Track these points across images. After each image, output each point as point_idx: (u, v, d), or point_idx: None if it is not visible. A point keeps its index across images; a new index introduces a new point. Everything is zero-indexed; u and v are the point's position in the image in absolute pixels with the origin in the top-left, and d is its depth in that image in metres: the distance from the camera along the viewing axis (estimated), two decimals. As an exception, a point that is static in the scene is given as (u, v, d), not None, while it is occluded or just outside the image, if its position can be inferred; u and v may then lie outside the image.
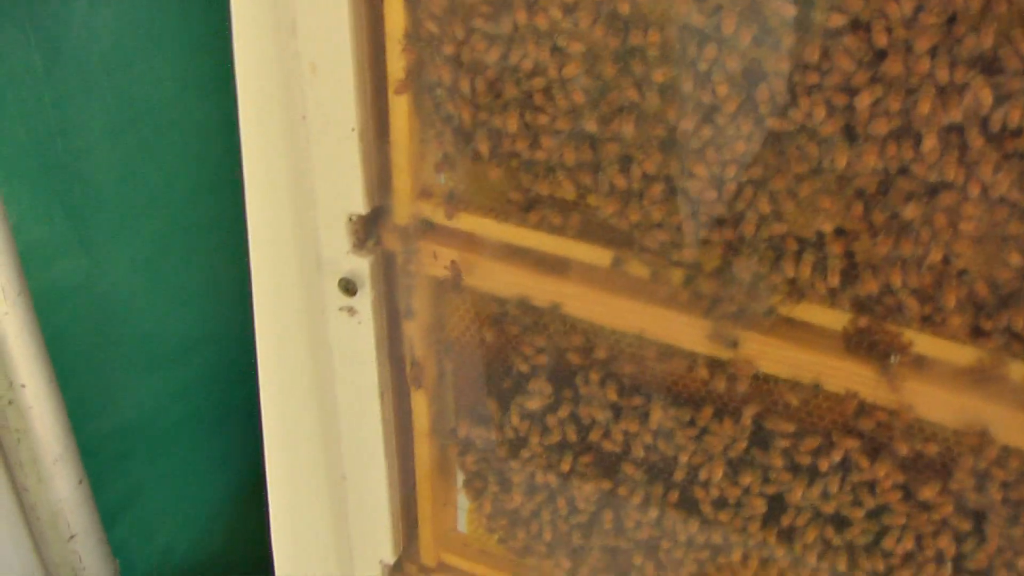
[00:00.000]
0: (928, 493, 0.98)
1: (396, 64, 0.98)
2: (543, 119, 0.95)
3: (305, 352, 1.17)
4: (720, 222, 0.94)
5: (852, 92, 0.84)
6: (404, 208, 1.05)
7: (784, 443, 1.01)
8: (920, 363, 0.94)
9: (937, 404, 0.94)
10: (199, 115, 1.63)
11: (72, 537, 1.50)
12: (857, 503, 1.02)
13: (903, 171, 0.86)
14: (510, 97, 0.96)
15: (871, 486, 1.01)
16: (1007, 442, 0.93)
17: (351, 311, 1.11)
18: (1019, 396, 0.91)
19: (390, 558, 1.29)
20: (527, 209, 1.01)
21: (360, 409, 1.18)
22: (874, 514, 1.02)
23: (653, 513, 1.10)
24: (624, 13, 0.88)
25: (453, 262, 1.05)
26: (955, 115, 0.81)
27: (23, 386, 1.40)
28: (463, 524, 1.29)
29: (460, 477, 1.24)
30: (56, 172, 1.48)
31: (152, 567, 1.84)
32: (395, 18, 0.96)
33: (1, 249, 1.31)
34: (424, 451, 1.20)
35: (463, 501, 1.27)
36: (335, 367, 1.16)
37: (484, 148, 0.99)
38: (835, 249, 0.91)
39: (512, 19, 0.92)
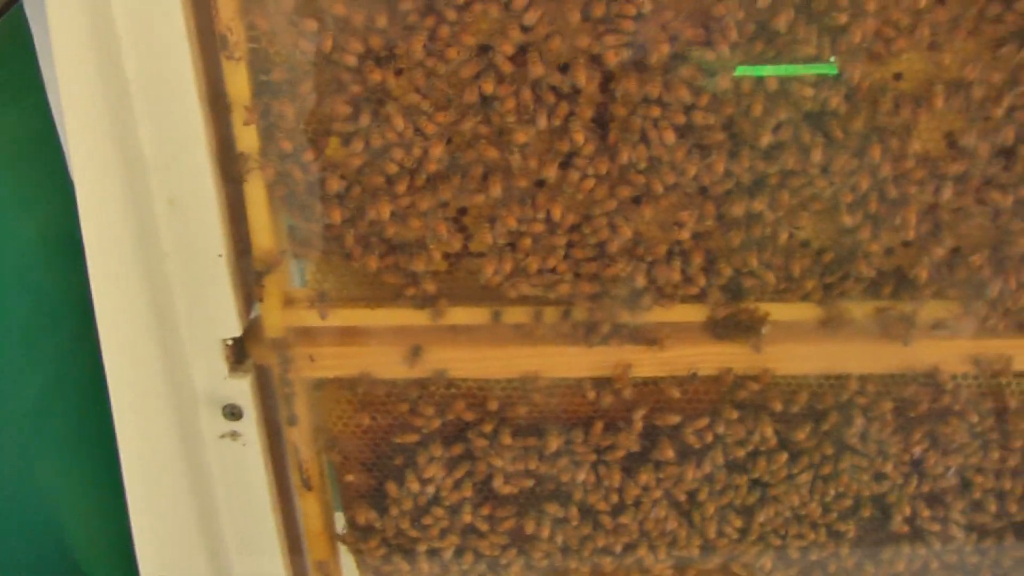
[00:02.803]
0: (801, 435, 1.12)
1: (257, 190, 1.00)
2: (406, 201, 1.01)
3: (185, 488, 1.14)
4: (587, 253, 1.04)
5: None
6: (274, 320, 1.06)
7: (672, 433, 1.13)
8: (777, 328, 1.08)
9: (798, 359, 1.09)
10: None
11: None
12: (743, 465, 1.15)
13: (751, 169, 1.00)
14: (376, 187, 1.00)
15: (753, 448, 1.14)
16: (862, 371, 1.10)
17: (234, 435, 1.11)
18: (864, 330, 1.07)
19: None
20: (403, 288, 1.05)
21: (251, 528, 1.16)
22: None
23: (559, 538, 1.18)
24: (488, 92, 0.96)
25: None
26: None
27: None
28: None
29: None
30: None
31: None
32: (248, 138, 0.98)
33: None
34: (319, 550, 1.20)
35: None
36: (218, 494, 1.14)
37: (354, 246, 1.03)
38: (696, 253, 1.04)
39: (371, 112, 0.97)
